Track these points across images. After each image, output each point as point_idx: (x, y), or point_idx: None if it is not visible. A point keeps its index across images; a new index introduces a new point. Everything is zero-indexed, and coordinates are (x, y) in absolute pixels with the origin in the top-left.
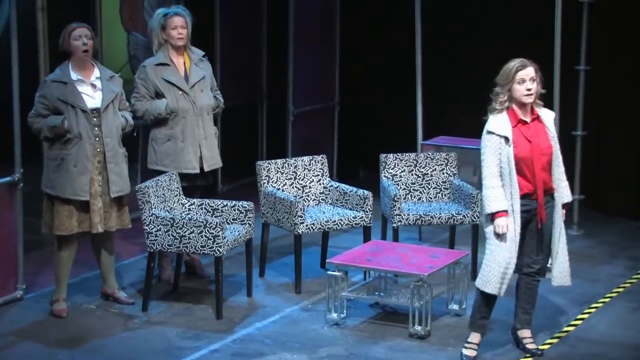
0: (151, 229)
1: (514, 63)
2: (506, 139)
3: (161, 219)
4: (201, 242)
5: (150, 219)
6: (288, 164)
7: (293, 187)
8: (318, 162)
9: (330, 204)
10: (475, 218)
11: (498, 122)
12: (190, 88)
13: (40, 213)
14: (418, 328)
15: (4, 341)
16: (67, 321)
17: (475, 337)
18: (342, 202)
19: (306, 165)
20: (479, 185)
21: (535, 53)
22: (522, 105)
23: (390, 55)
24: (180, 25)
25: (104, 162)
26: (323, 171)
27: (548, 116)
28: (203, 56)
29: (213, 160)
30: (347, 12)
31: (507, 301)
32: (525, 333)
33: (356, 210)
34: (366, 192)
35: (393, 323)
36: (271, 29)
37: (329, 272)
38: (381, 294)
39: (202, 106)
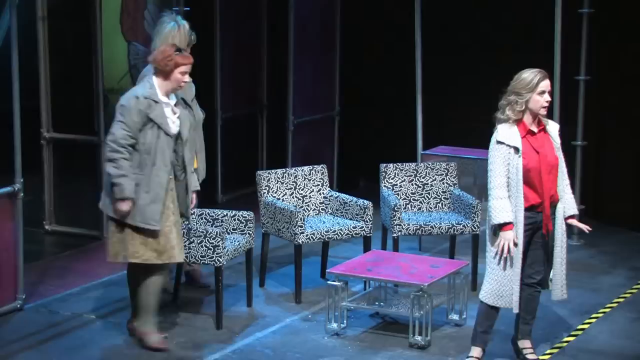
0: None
1: (535, 73)
2: (516, 149)
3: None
4: (201, 252)
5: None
6: (288, 173)
7: (293, 197)
8: (318, 172)
9: (331, 213)
10: (475, 228)
11: (508, 132)
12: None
13: (40, 223)
14: (418, 338)
15: (4, 351)
16: (67, 331)
17: (476, 351)
18: (342, 212)
19: (306, 175)
20: (479, 195)
21: (535, 63)
22: (534, 116)
23: (390, 65)
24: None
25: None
26: (323, 181)
27: (553, 127)
28: None
29: (203, 173)
30: (347, 23)
31: (506, 312)
32: (525, 344)
33: (356, 220)
34: (366, 202)
35: (393, 333)
36: (271, 39)
37: (329, 282)
38: (381, 303)
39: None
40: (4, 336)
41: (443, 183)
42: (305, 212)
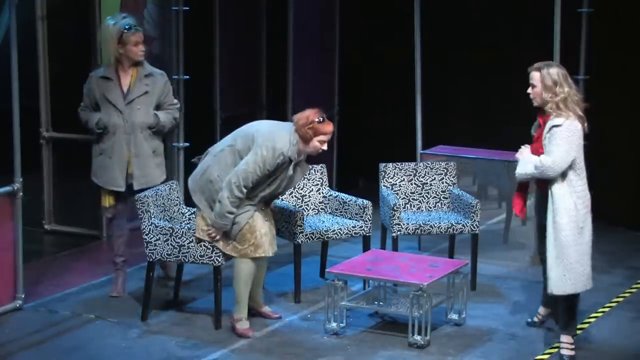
0: (150, 238)
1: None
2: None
3: (160, 228)
4: (200, 252)
5: (150, 228)
6: None
7: (292, 197)
8: (317, 171)
9: (330, 213)
10: (474, 227)
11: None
12: (127, 105)
13: (39, 223)
14: (417, 337)
15: (3, 351)
16: (66, 331)
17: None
18: (341, 212)
19: (305, 175)
20: (478, 195)
21: (534, 62)
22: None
23: (389, 64)
24: (141, 41)
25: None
26: (322, 180)
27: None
28: (160, 74)
29: (145, 179)
30: (346, 22)
31: (506, 312)
32: (563, 338)
33: (356, 220)
34: (365, 201)
35: (392, 332)
36: (271, 38)
37: (328, 282)
38: (380, 303)
39: (135, 123)
40: (3, 336)
41: (442, 183)
42: (305, 211)
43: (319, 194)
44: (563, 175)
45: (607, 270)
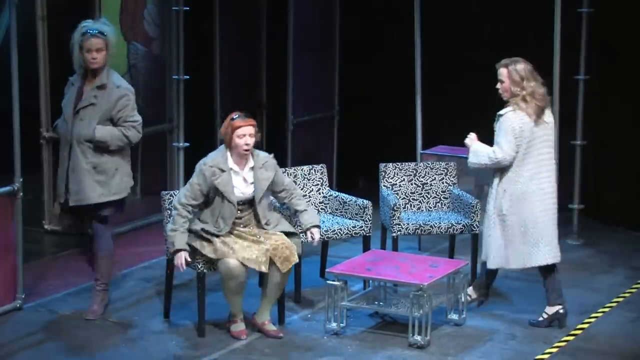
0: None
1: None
2: None
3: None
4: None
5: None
6: (288, 173)
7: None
8: (317, 171)
9: (330, 213)
10: (474, 227)
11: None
12: (74, 114)
13: (39, 223)
14: (417, 338)
15: (3, 351)
16: (66, 331)
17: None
18: (341, 212)
19: (306, 175)
20: (478, 195)
21: (534, 63)
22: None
23: (389, 64)
24: (95, 48)
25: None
26: (322, 180)
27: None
28: (117, 87)
29: (78, 196)
30: (346, 22)
31: (506, 311)
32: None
33: (356, 220)
34: (366, 201)
35: (392, 332)
36: (271, 38)
37: (328, 282)
38: (381, 303)
39: (74, 136)
40: (3, 336)
41: (442, 182)
42: None
43: (319, 194)
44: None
45: (607, 271)
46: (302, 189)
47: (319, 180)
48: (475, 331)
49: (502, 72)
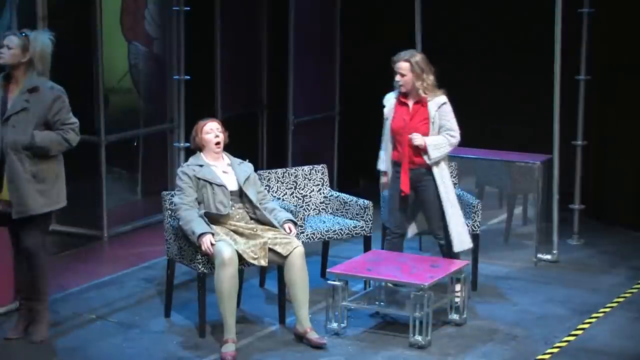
0: (167, 237)
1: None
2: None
3: (173, 228)
4: (190, 256)
5: (166, 227)
6: (288, 173)
7: (293, 197)
8: (318, 171)
9: (331, 213)
10: (475, 227)
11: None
12: (4, 122)
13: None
14: (418, 338)
15: (3, 351)
16: (66, 331)
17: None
18: (342, 212)
19: (306, 175)
20: (478, 195)
21: (535, 63)
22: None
23: (390, 65)
24: (6, 44)
25: None
26: (323, 181)
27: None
28: (49, 89)
29: (20, 208)
30: (347, 22)
31: (506, 311)
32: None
33: (356, 220)
34: (366, 201)
35: (393, 333)
36: (271, 38)
37: (329, 282)
38: (381, 303)
39: (7, 143)
40: (2, 336)
41: None
42: (306, 211)
43: (320, 194)
44: None
45: (607, 271)
46: (302, 189)
47: (320, 181)
48: (475, 331)
49: (403, 65)
